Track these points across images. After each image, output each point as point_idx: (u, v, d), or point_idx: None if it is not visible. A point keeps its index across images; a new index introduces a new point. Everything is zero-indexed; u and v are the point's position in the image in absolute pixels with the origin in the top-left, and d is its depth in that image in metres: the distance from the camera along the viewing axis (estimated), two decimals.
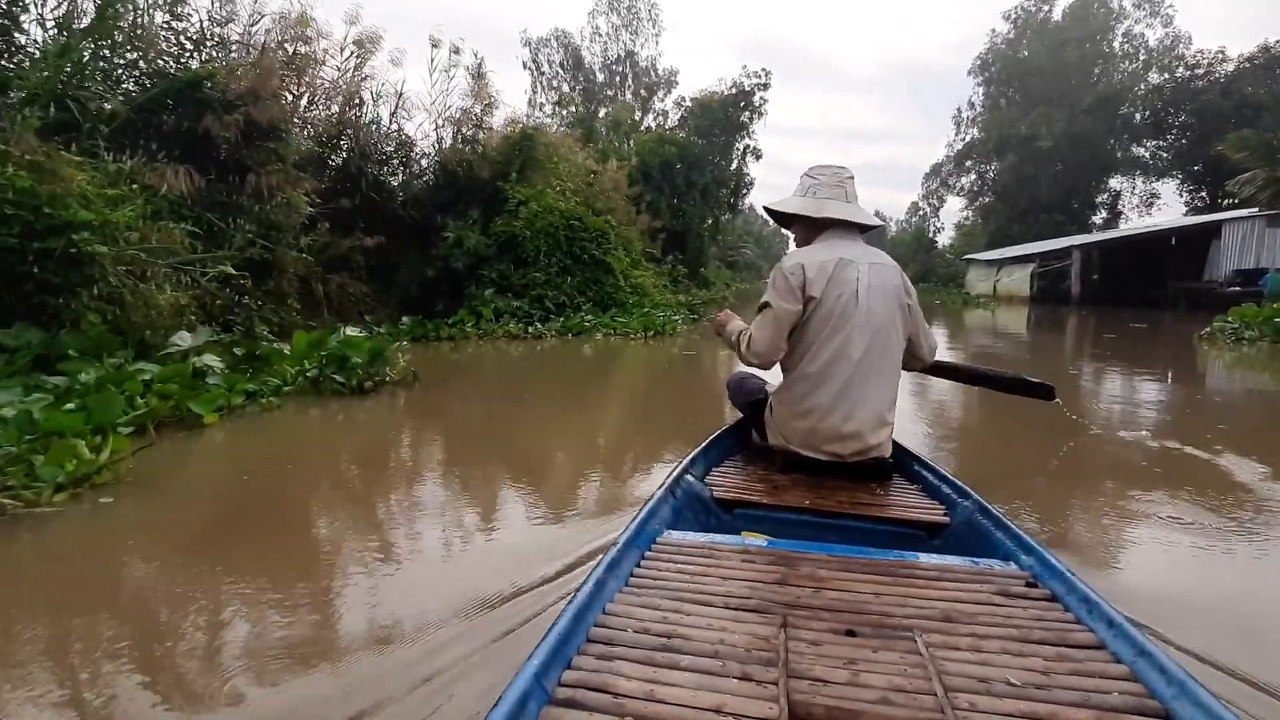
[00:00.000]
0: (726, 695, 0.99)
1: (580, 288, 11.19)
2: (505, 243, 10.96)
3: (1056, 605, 1.33)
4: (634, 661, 1.08)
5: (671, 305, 12.56)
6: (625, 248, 16.97)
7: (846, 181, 2.23)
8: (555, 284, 10.88)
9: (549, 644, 1.05)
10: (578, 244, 11.56)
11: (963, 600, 1.34)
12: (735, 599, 1.31)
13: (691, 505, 1.99)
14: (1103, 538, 2.73)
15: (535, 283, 10.64)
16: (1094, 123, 33.36)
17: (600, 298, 11.30)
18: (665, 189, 28.20)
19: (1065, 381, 6.50)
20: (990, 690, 1.02)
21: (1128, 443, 4.28)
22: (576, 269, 11.38)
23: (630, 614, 1.23)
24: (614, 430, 4.89)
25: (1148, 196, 35.29)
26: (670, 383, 6.95)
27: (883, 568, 1.48)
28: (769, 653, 1.10)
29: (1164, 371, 8.31)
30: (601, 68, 43.03)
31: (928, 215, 57.77)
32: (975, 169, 38.68)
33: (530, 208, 11.27)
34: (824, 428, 2.10)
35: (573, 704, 0.97)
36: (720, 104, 30.58)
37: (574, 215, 11.84)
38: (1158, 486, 3.31)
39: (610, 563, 1.38)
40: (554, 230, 11.28)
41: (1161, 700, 1.01)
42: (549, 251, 11.13)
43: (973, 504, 1.90)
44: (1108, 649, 1.16)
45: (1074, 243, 24.05)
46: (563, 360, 7.83)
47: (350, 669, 1.68)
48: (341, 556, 2.44)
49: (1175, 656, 1.15)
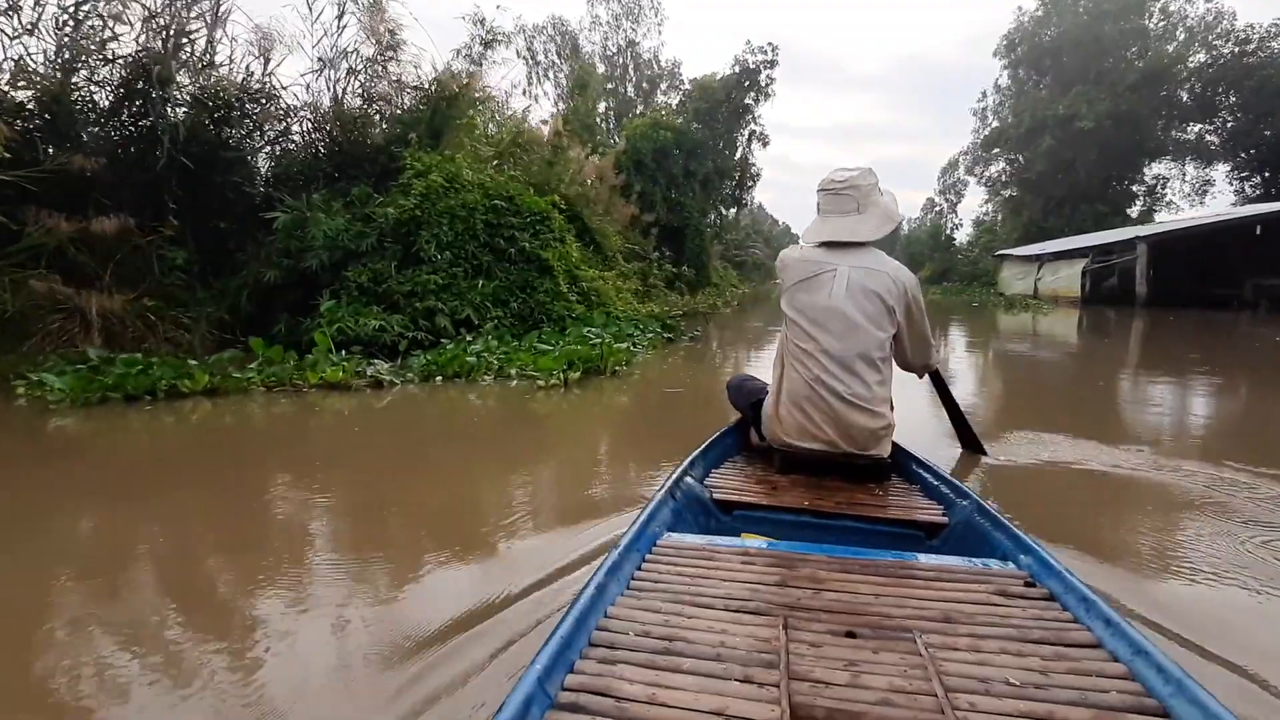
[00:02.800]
0: (728, 698, 0.99)
1: (498, 295, 7.49)
2: (394, 231, 7.32)
3: (1054, 604, 1.33)
4: (636, 665, 1.07)
5: (641, 319, 8.81)
6: (598, 243, 13.36)
7: (847, 191, 2.25)
8: (458, 290, 7.19)
9: (551, 648, 1.03)
10: (502, 232, 7.90)
11: (962, 600, 1.34)
12: (736, 601, 1.30)
13: (691, 507, 1.97)
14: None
15: (424, 289, 6.96)
16: (1140, 101, 29.24)
17: (528, 311, 7.60)
18: (660, 179, 24.46)
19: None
20: (990, 690, 1.03)
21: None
22: (498, 268, 7.72)
23: (632, 617, 1.22)
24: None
25: (1200, 184, 31.06)
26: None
27: (882, 568, 1.47)
28: (770, 655, 1.10)
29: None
30: (602, 58, 39.13)
31: (944, 211, 54.05)
32: (1004, 156, 34.49)
33: (430, 180, 7.63)
34: (812, 421, 2.13)
35: (576, 708, 0.96)
36: (722, 85, 26.80)
37: (500, 192, 8.19)
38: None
39: (611, 566, 1.36)
40: (465, 213, 7.63)
41: (1159, 698, 1.01)
42: (455, 243, 7.45)
43: (971, 504, 1.89)
44: (1105, 648, 1.16)
45: (1139, 233, 19.96)
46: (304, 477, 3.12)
47: None
48: None
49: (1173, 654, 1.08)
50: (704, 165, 26.18)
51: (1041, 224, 31.40)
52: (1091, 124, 28.39)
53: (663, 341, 8.21)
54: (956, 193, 52.13)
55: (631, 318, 8.59)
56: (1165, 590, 1.93)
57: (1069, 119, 29.42)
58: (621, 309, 8.89)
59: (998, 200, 38.62)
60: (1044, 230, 30.63)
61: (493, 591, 1.81)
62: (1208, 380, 6.39)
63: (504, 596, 1.79)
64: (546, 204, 8.78)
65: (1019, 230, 32.85)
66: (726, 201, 28.83)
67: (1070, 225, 30.02)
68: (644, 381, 5.69)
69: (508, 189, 8.39)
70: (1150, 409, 5.07)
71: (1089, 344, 10.80)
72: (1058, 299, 22.58)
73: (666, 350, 7.94)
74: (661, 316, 8.88)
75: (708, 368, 7.02)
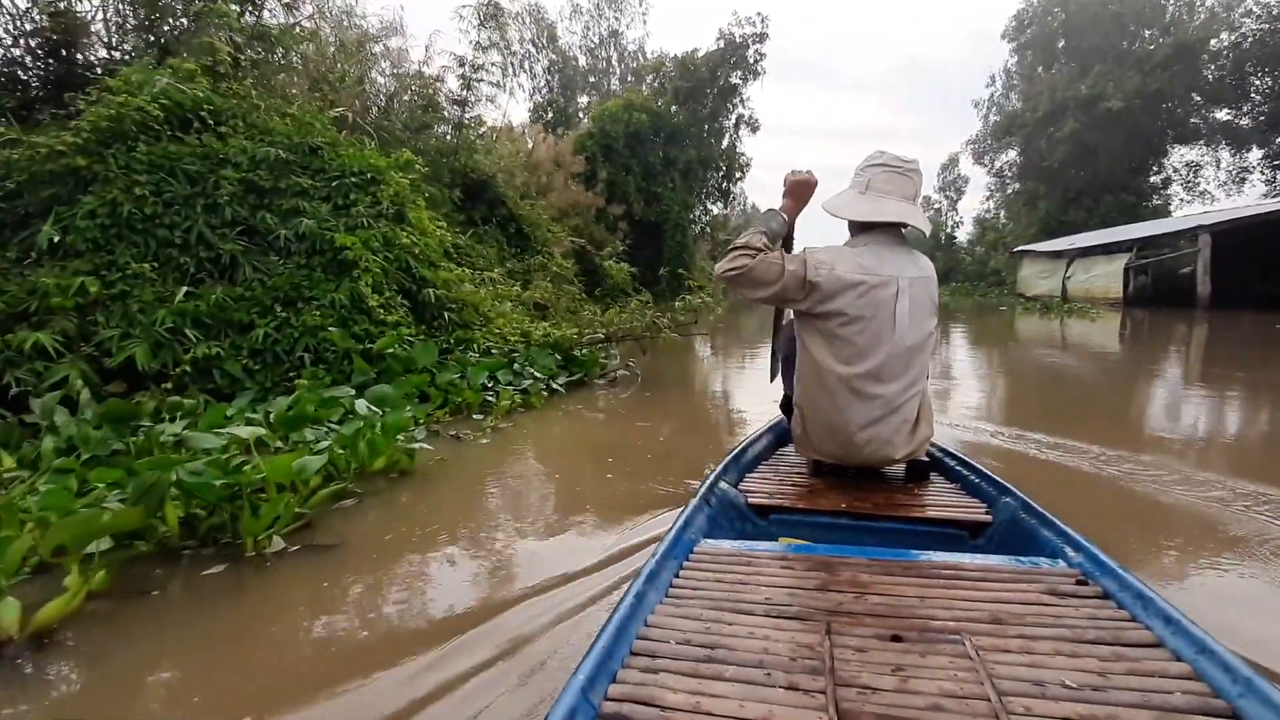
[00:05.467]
0: (774, 705, 0.95)
1: (227, 315, 3.96)
2: (31, 185, 3.84)
3: (1109, 603, 1.25)
4: (678, 674, 1.03)
5: (533, 351, 5.14)
6: (525, 234, 9.88)
7: (912, 174, 1.94)
8: (144, 305, 3.68)
9: (593, 658, 1.00)
10: (277, 203, 4.43)
11: (1010, 601, 1.27)
12: (777, 607, 1.25)
13: (726, 513, 1.87)
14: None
15: (49, 300, 3.44)
16: (1172, 80, 25.80)
17: (289, 345, 4.03)
18: (634, 167, 20.97)
19: None
20: (1045, 693, 0.97)
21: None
22: (256, 263, 4.22)
23: (672, 625, 1.18)
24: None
25: (1237, 172, 27.48)
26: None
27: (925, 570, 1.40)
28: (814, 661, 1.06)
29: None
30: (583, 49, 35.41)
31: (944, 209, 50.87)
32: (1018, 144, 30.87)
33: (123, 105, 4.15)
34: (854, 444, 1.94)
35: (620, 718, 0.93)
36: (706, 62, 23.29)
37: (284, 138, 4.72)
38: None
39: (649, 574, 1.30)
40: (197, 166, 4.16)
41: (1227, 699, 0.94)
42: (154, 217, 3.97)
43: (1016, 501, 1.79)
44: (1166, 646, 1.09)
45: (1202, 222, 16.37)
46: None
47: None
48: None
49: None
50: (685, 153, 22.68)
51: (1061, 217, 27.89)
52: (1120, 104, 24.89)
53: (545, 393, 4.65)
54: (957, 189, 49.14)
55: (509, 347, 5.01)
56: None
57: (1093, 100, 25.91)
58: (504, 328, 5.34)
59: (1005, 195, 35.13)
60: (1065, 224, 27.10)
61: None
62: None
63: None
64: (385, 162, 5.30)
65: (1035, 225, 29.30)
66: (712, 195, 25.31)
67: (1094, 218, 26.53)
68: (352, 559, 2.20)
69: (307, 132, 4.91)
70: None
71: (1228, 370, 7.28)
72: (1093, 300, 19.04)
73: (554, 404, 4.47)
74: (566, 342, 5.36)
75: (576, 474, 3.27)
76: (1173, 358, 8.25)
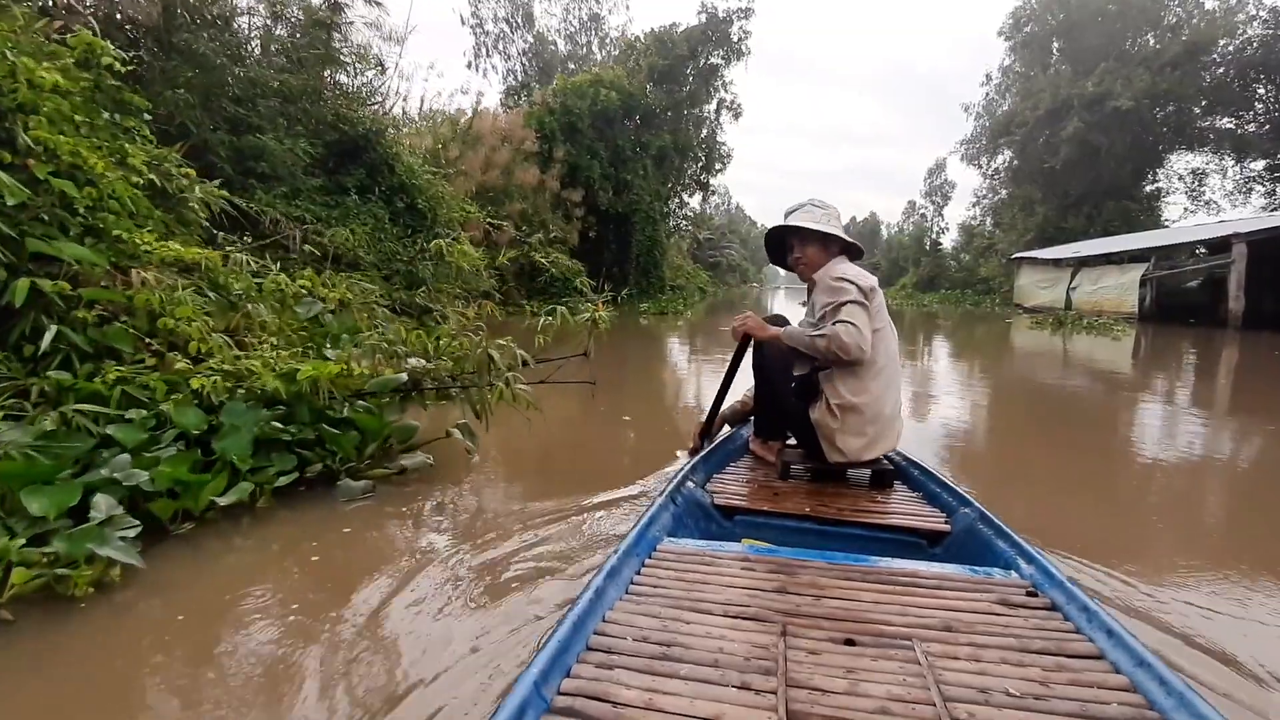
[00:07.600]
0: (725, 705, 0.95)
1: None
2: None
3: (1056, 615, 1.27)
4: (633, 670, 1.03)
5: (230, 424, 2.39)
6: (420, 210, 7.49)
7: (832, 210, 2.27)
8: None
9: (548, 652, 0.99)
10: None
11: (963, 609, 1.28)
12: (735, 607, 1.25)
13: (692, 512, 1.88)
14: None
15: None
16: (1183, 80, 23.90)
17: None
18: (601, 151, 18.50)
19: None
20: (989, 700, 0.99)
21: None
22: None
23: (630, 622, 1.18)
24: None
25: (1244, 181, 25.64)
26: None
27: (883, 576, 1.42)
28: (768, 661, 1.07)
29: None
30: (562, 34, 32.62)
31: (929, 215, 49.00)
32: (1015, 144, 28.78)
33: None
34: (891, 431, 2.09)
35: (572, 713, 0.93)
36: (685, 38, 20.85)
37: None
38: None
39: (610, 570, 1.30)
40: None
41: (1161, 711, 0.96)
42: None
43: (974, 512, 1.80)
44: (1107, 659, 1.11)
45: (1237, 230, 14.28)
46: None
47: None
48: None
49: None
50: (660, 138, 20.22)
51: (1060, 223, 25.90)
52: (1129, 103, 22.91)
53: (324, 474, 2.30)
54: (943, 195, 47.36)
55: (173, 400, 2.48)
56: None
57: (1099, 99, 23.92)
58: (206, 352, 2.78)
59: (997, 199, 33.18)
60: (1064, 231, 25.11)
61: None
62: None
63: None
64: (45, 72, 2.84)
65: (1032, 231, 27.29)
66: (689, 186, 22.93)
67: (1095, 225, 24.60)
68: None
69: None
70: None
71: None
72: (1102, 313, 17.03)
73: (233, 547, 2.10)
74: (332, 388, 2.59)
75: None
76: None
